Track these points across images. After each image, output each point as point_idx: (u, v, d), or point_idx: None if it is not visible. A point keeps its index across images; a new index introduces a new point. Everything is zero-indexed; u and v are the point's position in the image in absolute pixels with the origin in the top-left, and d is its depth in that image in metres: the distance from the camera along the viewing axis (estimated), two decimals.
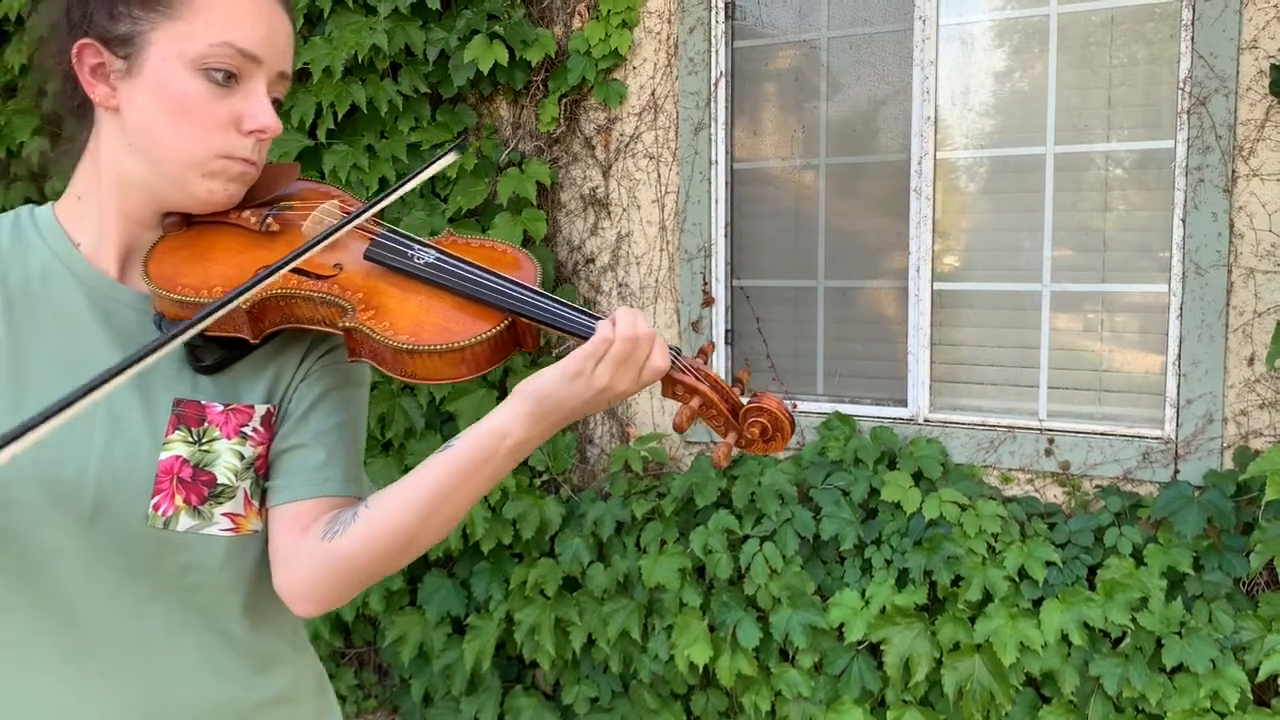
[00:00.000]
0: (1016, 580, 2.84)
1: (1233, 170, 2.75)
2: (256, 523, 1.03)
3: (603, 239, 3.59)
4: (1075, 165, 3.03)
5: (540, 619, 3.28)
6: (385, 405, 3.47)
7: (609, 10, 3.40)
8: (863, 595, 2.98)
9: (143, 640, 0.99)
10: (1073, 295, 3.07)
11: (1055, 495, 3.01)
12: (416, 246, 1.03)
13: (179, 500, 0.97)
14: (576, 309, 0.99)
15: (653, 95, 3.46)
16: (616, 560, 3.26)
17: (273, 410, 1.05)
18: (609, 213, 3.58)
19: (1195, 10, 2.77)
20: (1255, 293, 2.75)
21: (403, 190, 1.03)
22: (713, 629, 3.11)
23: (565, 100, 3.56)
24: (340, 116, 3.43)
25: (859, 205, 3.38)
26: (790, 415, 1.00)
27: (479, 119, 3.65)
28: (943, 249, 3.23)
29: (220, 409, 1.01)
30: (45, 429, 0.69)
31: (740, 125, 3.49)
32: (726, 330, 3.51)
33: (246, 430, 1.02)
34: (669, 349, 1.00)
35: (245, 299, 0.93)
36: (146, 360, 0.76)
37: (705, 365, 1.02)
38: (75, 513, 0.95)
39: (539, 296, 0.99)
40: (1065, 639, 2.73)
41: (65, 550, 0.96)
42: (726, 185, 3.46)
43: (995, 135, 3.15)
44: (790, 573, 3.03)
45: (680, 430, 0.98)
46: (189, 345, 1.01)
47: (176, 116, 0.97)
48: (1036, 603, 2.82)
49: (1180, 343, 2.85)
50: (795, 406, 3.39)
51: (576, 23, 3.53)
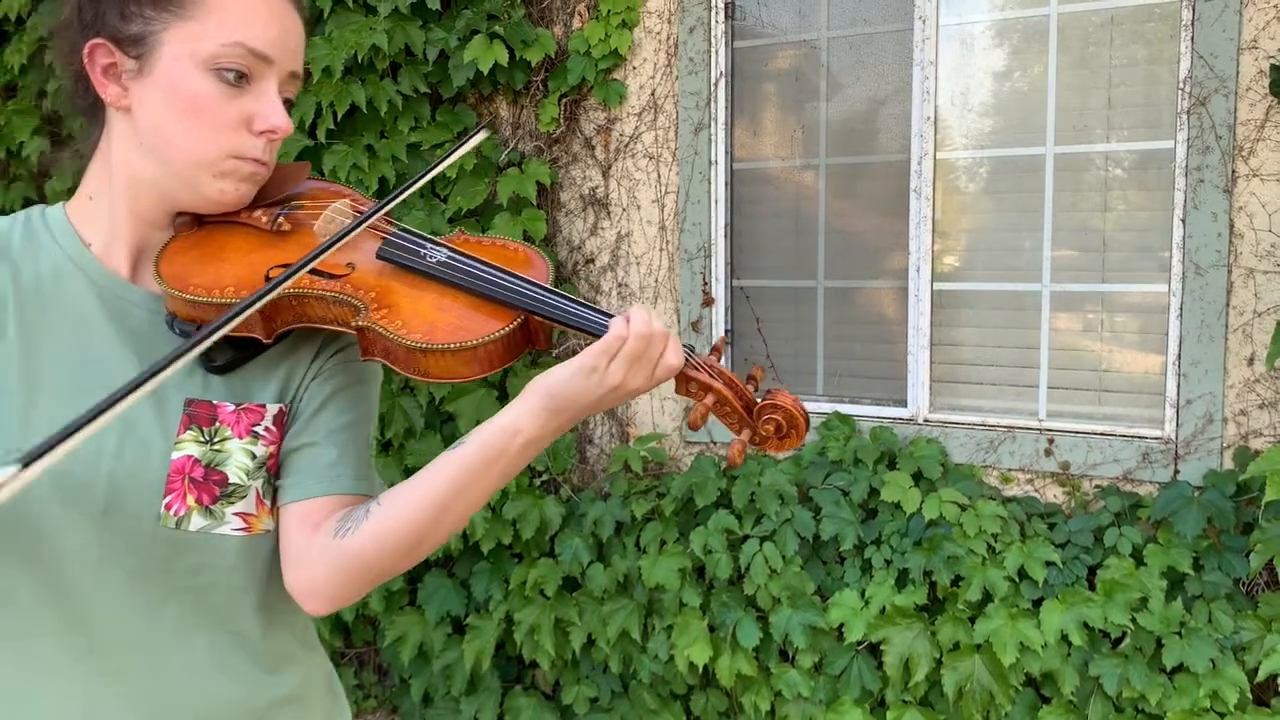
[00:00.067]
0: (1016, 580, 2.84)
1: (1233, 170, 2.76)
2: (268, 522, 1.03)
3: (602, 239, 3.59)
4: (1075, 165, 3.03)
5: (540, 619, 3.27)
6: (385, 405, 3.47)
7: (609, 10, 3.40)
8: (862, 595, 2.98)
9: (153, 640, 0.99)
10: (1073, 295, 3.07)
11: (1055, 495, 3.01)
12: (429, 245, 1.03)
13: (191, 500, 0.97)
14: (589, 306, 0.99)
15: (653, 95, 3.46)
16: (616, 560, 3.26)
17: (285, 409, 1.05)
18: (609, 213, 3.57)
19: (1195, 10, 2.78)
20: (1255, 293, 2.76)
21: (429, 176, 1.04)
22: (713, 629, 3.11)
23: (565, 100, 3.55)
24: (340, 116, 3.42)
25: (859, 205, 3.38)
26: (805, 412, 1.00)
27: (479, 119, 3.64)
28: (943, 249, 3.24)
29: (232, 408, 1.01)
30: (85, 433, 0.70)
31: (740, 125, 3.49)
32: (726, 330, 3.50)
33: (258, 429, 1.02)
34: (683, 346, 1.00)
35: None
36: (186, 357, 0.78)
37: (719, 362, 1.02)
38: (87, 513, 0.95)
39: (552, 294, 0.99)
40: (1065, 639, 2.74)
41: (77, 551, 0.95)
42: (726, 185, 3.46)
43: (995, 135, 3.15)
44: (790, 573, 3.03)
45: (694, 428, 0.98)
46: None
47: (188, 116, 0.97)
48: (1036, 603, 2.82)
49: (1180, 343, 2.86)
50: None
51: (576, 23, 3.53)
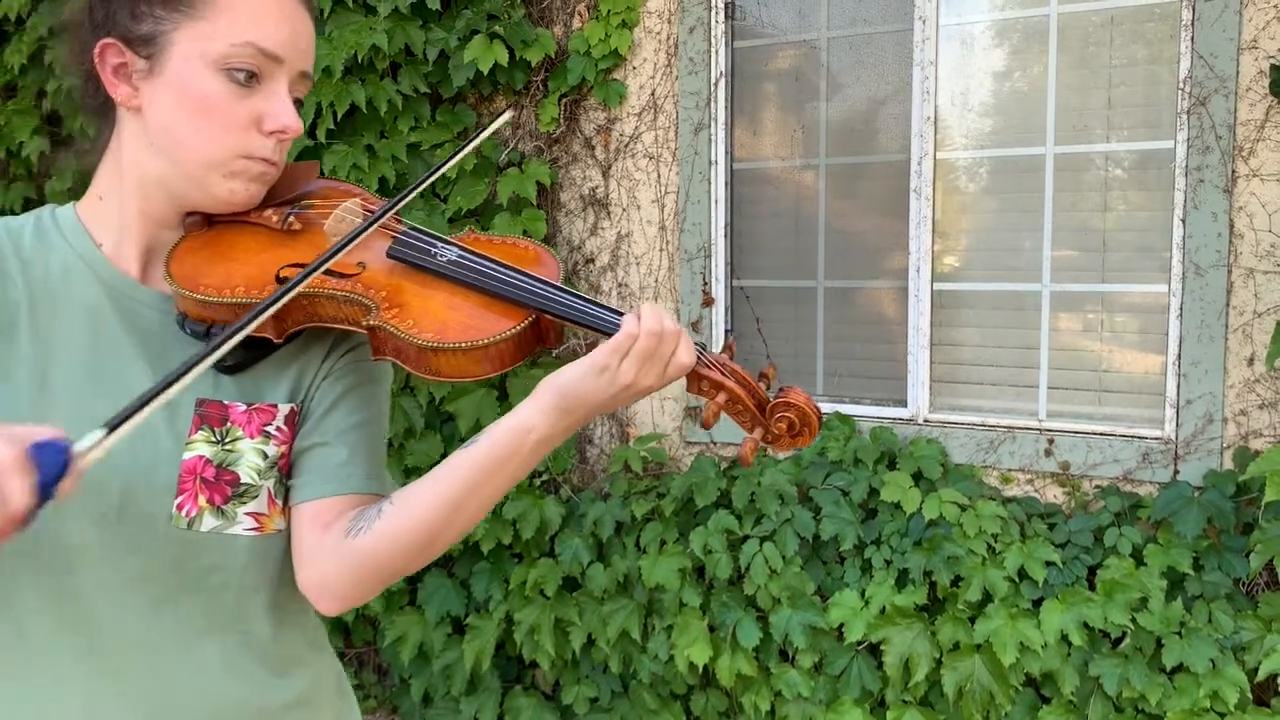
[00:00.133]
0: (1016, 580, 2.84)
1: (1233, 170, 2.76)
2: (280, 522, 1.03)
3: (602, 239, 3.59)
4: (1075, 165, 3.04)
5: (540, 619, 3.27)
6: None
7: (609, 10, 3.40)
8: (862, 595, 2.98)
9: (159, 641, 0.99)
10: (1073, 295, 3.08)
11: (1055, 495, 3.01)
12: (439, 244, 1.03)
13: (202, 500, 0.97)
14: (600, 305, 0.99)
15: (653, 95, 3.46)
16: (616, 560, 3.25)
17: (296, 409, 1.05)
18: (609, 213, 3.57)
19: (1195, 10, 2.78)
20: (1255, 293, 2.77)
21: (451, 163, 1.05)
22: (712, 629, 3.11)
23: (565, 100, 3.55)
24: (340, 116, 3.42)
25: (859, 205, 3.38)
26: (818, 410, 1.00)
27: (479, 119, 3.64)
28: (943, 249, 3.24)
29: (243, 408, 1.01)
30: (159, 402, 0.74)
31: (740, 125, 3.49)
32: (726, 330, 3.51)
33: (270, 429, 1.02)
34: (694, 344, 1.00)
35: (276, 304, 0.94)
36: (205, 363, 0.79)
37: (731, 361, 1.02)
38: (98, 513, 0.95)
39: (562, 293, 0.99)
40: (1065, 639, 2.74)
41: (86, 550, 0.95)
42: (726, 185, 3.46)
43: (995, 135, 3.15)
44: (790, 573, 3.03)
45: (707, 427, 0.97)
46: None
47: (198, 116, 0.97)
48: (1036, 603, 2.83)
49: (1180, 343, 2.86)
50: None
51: (576, 23, 3.52)
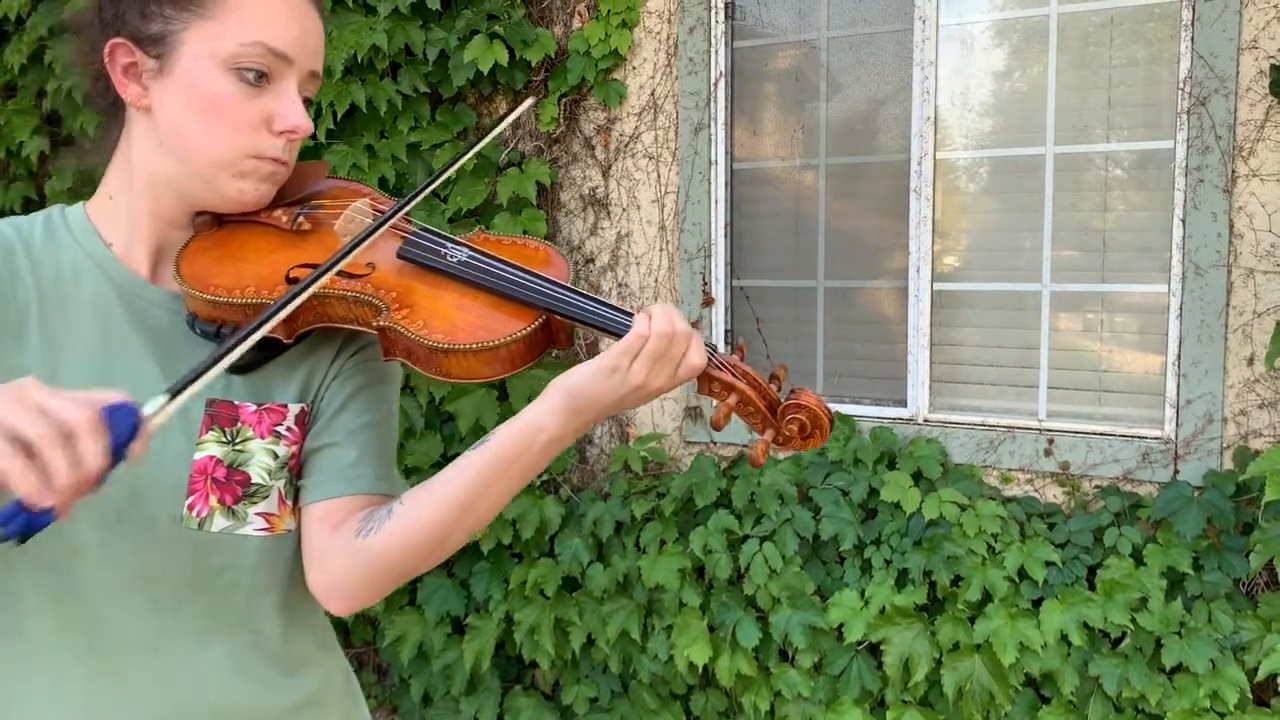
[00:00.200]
0: (1016, 580, 2.85)
1: (1232, 170, 2.77)
2: (291, 522, 1.03)
3: (602, 239, 3.59)
4: (1075, 165, 3.04)
5: (540, 619, 3.27)
6: None
7: (609, 10, 3.40)
8: (862, 595, 2.98)
9: (164, 642, 0.99)
10: (1073, 295, 3.08)
11: (1055, 495, 3.02)
12: (449, 244, 1.03)
13: (213, 500, 0.97)
14: (610, 305, 0.99)
15: (652, 95, 3.46)
16: (616, 560, 3.25)
17: (306, 409, 1.05)
18: (609, 213, 3.57)
19: (1195, 10, 2.79)
20: (1255, 293, 2.77)
21: (468, 156, 1.06)
22: (712, 629, 3.11)
23: (565, 100, 3.55)
24: (340, 116, 3.42)
25: (859, 205, 3.38)
26: (830, 412, 1.00)
27: (479, 119, 3.64)
28: (942, 249, 3.24)
29: (253, 409, 1.01)
30: (217, 370, 0.80)
31: (740, 125, 3.49)
32: (726, 330, 3.51)
33: (280, 430, 1.02)
34: (706, 345, 0.99)
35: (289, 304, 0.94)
36: (229, 357, 0.81)
37: (742, 362, 1.02)
38: (106, 513, 0.95)
39: (572, 293, 0.99)
40: (1065, 639, 2.74)
41: (93, 549, 0.95)
42: (726, 185, 3.46)
43: (995, 135, 3.16)
44: (790, 573, 3.03)
45: (717, 428, 0.97)
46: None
47: (208, 116, 0.96)
48: (1036, 603, 2.83)
49: (1180, 343, 2.87)
50: None
51: (576, 23, 3.52)
